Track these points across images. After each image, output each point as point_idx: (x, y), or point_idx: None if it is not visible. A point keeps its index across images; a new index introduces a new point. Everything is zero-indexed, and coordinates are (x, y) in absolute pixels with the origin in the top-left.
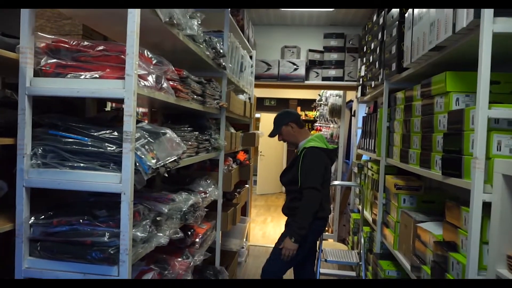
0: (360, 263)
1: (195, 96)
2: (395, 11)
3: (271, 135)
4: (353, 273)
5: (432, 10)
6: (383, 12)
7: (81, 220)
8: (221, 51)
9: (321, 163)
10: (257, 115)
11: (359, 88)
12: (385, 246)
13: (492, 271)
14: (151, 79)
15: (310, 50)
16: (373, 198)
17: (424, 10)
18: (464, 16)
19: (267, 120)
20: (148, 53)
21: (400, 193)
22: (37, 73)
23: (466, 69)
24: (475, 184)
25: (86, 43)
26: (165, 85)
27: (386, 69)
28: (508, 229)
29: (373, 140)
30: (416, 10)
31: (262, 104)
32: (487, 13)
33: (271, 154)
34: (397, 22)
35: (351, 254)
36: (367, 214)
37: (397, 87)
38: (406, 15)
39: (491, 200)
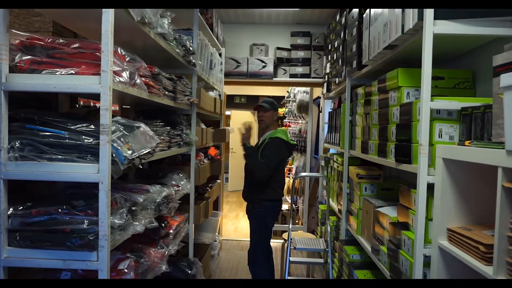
0: (327, 249)
1: (166, 92)
2: (355, 11)
3: (264, 109)
4: (321, 260)
5: (385, 12)
6: (345, 12)
7: (59, 210)
8: (191, 48)
9: (281, 151)
10: (227, 113)
11: (325, 84)
12: (350, 233)
13: (436, 243)
14: (125, 75)
15: (278, 48)
16: (338, 189)
17: (379, 11)
18: (411, 18)
19: (237, 117)
20: (122, 50)
21: (362, 182)
22: (12, 69)
23: (415, 66)
24: (420, 167)
25: (61, 40)
26: (138, 81)
27: (348, 66)
28: (449, 206)
29: (338, 134)
30: (372, 12)
31: (232, 102)
32: (429, 16)
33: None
34: (357, 22)
35: (319, 242)
36: (334, 204)
37: (358, 83)
38: (364, 15)
39: (434, 181)
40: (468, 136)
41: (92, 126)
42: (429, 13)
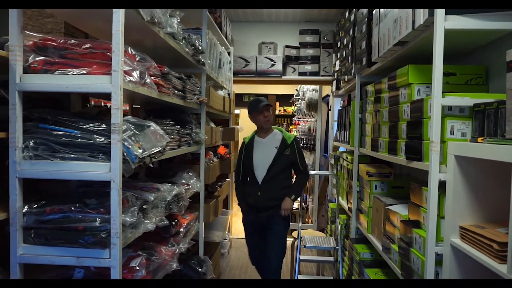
0: (337, 247)
1: (176, 92)
2: (364, 8)
3: (268, 104)
4: (331, 258)
5: (395, 8)
6: (354, 9)
7: (72, 208)
8: (200, 47)
9: None
10: (236, 111)
11: (334, 82)
12: (360, 231)
13: (448, 241)
14: (135, 74)
15: (287, 46)
16: (348, 187)
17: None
18: (421, 14)
19: (246, 116)
20: (132, 50)
21: (372, 180)
22: (25, 70)
23: (426, 62)
24: (432, 165)
25: (73, 41)
26: (148, 80)
27: (357, 64)
28: (461, 204)
29: (347, 132)
30: (382, 8)
31: (241, 101)
32: (440, 11)
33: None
34: (366, 19)
35: (329, 240)
36: (343, 203)
37: (368, 80)
38: (373, 12)
39: (446, 179)
40: (481, 133)
41: (104, 125)
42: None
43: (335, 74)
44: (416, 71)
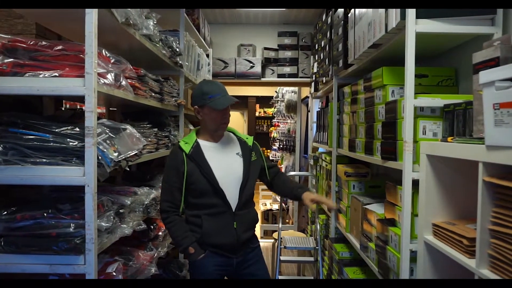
0: (317, 247)
1: (153, 94)
2: (340, 11)
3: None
4: (311, 258)
5: (369, 11)
6: (330, 12)
7: (45, 214)
8: (177, 49)
9: None
10: None
11: (313, 84)
12: (339, 230)
13: (421, 238)
14: (110, 77)
15: (265, 48)
16: (327, 188)
17: (363, 10)
18: (393, 17)
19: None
20: (106, 52)
21: (350, 180)
22: None
23: (400, 64)
24: (405, 164)
25: (44, 42)
26: (123, 83)
27: (334, 66)
28: (433, 201)
29: (326, 133)
30: (357, 11)
31: None
32: (411, 15)
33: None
34: (342, 22)
35: (309, 240)
36: None
37: (345, 82)
38: (349, 15)
39: (419, 178)
40: (450, 133)
41: (77, 129)
42: (411, 12)
43: (314, 76)
44: (390, 73)
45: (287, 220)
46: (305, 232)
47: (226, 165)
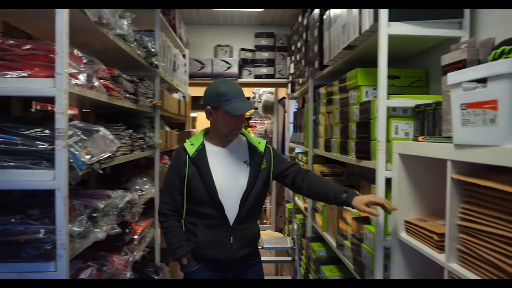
0: (294, 247)
1: (127, 95)
2: (316, 12)
3: (252, 107)
4: (289, 258)
5: (344, 13)
6: (306, 13)
7: (13, 220)
8: (153, 50)
9: None
10: (193, 115)
11: (289, 85)
12: (316, 230)
13: (395, 236)
14: (82, 77)
15: (242, 49)
16: None
17: (338, 12)
18: (367, 19)
19: (204, 120)
20: (78, 52)
21: (326, 179)
22: None
23: (374, 65)
24: (378, 163)
25: (11, 41)
26: (96, 83)
27: (310, 67)
28: (405, 199)
29: (302, 133)
30: (332, 13)
31: (198, 104)
32: (383, 18)
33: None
34: (318, 24)
35: (286, 240)
36: (300, 203)
37: (320, 83)
38: (324, 17)
39: (392, 176)
40: (421, 132)
41: (47, 131)
42: (383, 14)
43: (290, 76)
44: (364, 74)
45: (264, 221)
46: (282, 232)
47: (229, 175)
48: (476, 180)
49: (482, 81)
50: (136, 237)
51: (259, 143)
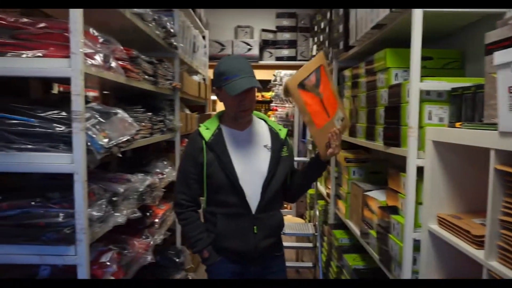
0: (316, 234)
1: (146, 77)
2: None
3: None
4: (310, 244)
5: None
6: None
7: (33, 203)
8: (172, 30)
9: None
10: (214, 97)
11: None
12: (338, 217)
13: (426, 228)
14: (98, 58)
15: (263, 30)
16: (326, 173)
17: None
18: None
19: None
20: (94, 31)
21: (350, 165)
22: None
23: (404, 46)
24: (410, 150)
25: (25, 19)
26: (113, 64)
27: (334, 48)
28: (439, 191)
29: None
30: None
31: None
32: None
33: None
34: None
35: (307, 226)
36: (322, 189)
37: (345, 65)
38: None
39: (424, 165)
40: (458, 118)
41: (64, 113)
42: None
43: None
44: (393, 55)
45: (285, 206)
46: (303, 217)
47: (250, 159)
48: None
49: None
50: (157, 220)
51: (280, 129)
